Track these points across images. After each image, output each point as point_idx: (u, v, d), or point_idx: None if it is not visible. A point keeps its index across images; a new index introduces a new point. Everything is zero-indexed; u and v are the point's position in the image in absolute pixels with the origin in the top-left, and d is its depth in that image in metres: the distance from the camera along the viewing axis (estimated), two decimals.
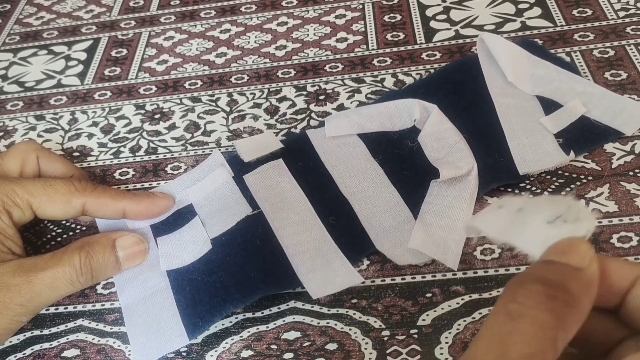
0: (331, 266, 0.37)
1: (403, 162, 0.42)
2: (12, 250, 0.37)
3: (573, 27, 0.52)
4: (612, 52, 0.48)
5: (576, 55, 0.49)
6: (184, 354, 0.36)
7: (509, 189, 0.41)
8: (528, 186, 0.40)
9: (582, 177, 0.40)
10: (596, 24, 0.51)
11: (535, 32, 0.52)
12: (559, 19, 0.53)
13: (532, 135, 0.43)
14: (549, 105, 0.44)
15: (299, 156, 0.44)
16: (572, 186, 0.40)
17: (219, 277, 0.37)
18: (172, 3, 0.63)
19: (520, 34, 0.52)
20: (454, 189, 0.40)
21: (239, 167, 0.43)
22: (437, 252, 0.37)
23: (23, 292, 0.35)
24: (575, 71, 0.47)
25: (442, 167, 0.40)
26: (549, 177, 0.41)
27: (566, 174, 0.41)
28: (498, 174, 0.41)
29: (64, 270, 0.36)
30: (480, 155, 0.41)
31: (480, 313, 0.35)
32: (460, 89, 0.47)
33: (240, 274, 0.37)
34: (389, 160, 0.43)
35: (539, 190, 0.40)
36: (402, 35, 0.54)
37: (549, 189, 0.40)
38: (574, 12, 0.53)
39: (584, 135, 0.42)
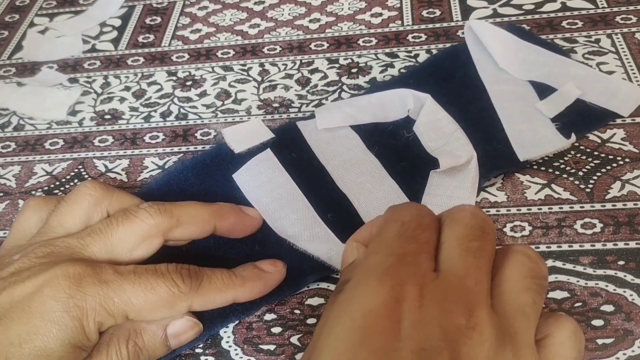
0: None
1: (400, 153, 0.41)
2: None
3: (615, 9, 0.50)
4: None
5: (617, 38, 0.47)
6: None
7: (517, 174, 0.39)
8: (562, 165, 0.40)
9: (619, 158, 0.39)
10: (639, 6, 0.50)
11: (575, 13, 0.50)
12: (600, 1, 0.51)
13: (529, 120, 0.42)
14: (543, 90, 0.43)
15: (291, 148, 0.42)
16: (608, 167, 0.39)
17: None
18: None
19: (560, 14, 0.50)
20: (455, 179, 0.39)
21: (229, 160, 0.41)
22: None
23: None
24: (565, 55, 0.46)
25: (441, 156, 0.39)
26: (584, 157, 0.40)
27: (602, 155, 0.40)
28: (499, 162, 0.40)
29: None
30: (478, 144, 0.40)
31: None
32: (451, 77, 0.46)
33: None
34: (385, 152, 0.41)
35: (573, 170, 0.39)
36: (438, 12, 0.53)
37: (583, 169, 0.39)
38: None
39: (581, 118, 0.42)
